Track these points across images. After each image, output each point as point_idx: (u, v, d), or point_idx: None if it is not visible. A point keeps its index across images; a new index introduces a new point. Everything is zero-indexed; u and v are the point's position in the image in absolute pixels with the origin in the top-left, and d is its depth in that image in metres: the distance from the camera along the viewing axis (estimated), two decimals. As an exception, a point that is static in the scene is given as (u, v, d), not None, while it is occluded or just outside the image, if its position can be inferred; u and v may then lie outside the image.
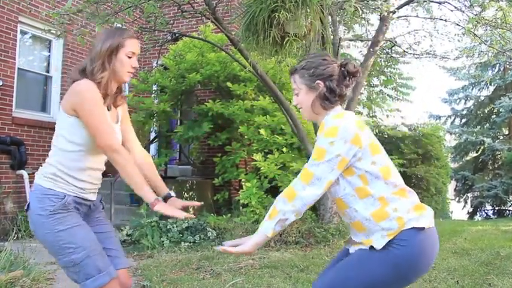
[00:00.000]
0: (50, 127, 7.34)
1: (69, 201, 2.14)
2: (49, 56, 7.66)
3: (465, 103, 17.88)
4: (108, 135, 2.10)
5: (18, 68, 6.95)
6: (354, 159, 1.94)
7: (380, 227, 1.92)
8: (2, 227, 6.29)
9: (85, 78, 2.14)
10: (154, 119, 7.81)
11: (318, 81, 2.06)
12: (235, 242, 2.20)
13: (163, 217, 6.56)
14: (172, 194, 2.40)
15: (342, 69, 2.07)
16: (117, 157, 2.10)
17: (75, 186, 2.18)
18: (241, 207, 6.68)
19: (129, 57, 2.20)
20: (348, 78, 2.08)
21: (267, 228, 1.94)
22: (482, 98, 17.38)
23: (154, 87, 8.34)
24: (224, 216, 6.65)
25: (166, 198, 2.38)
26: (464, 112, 17.83)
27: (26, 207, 2.22)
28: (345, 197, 2.00)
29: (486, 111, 17.25)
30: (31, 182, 6.77)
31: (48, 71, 7.62)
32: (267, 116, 6.93)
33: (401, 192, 1.98)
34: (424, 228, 1.92)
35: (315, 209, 6.30)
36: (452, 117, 18.06)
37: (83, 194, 2.22)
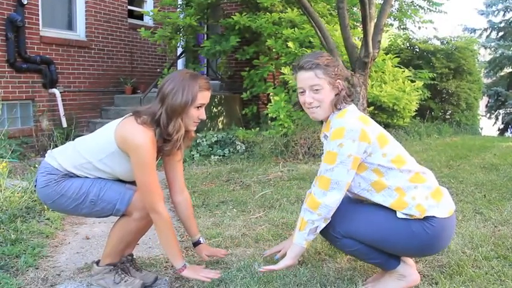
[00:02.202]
0: (78, 45, 7.35)
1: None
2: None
3: (504, 15, 16.84)
4: (155, 197, 2.10)
5: (41, -15, 6.80)
6: (364, 155, 1.95)
7: (402, 214, 1.96)
8: (40, 143, 6.54)
9: (151, 127, 2.08)
10: (180, 34, 7.68)
11: (339, 81, 2.04)
12: (274, 249, 2.39)
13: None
14: (202, 240, 2.45)
15: None
16: (157, 219, 2.12)
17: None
18: (269, 121, 6.72)
19: (198, 108, 2.13)
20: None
21: (301, 239, 2.00)
22: (523, 9, 16.39)
23: (180, 1, 8.15)
24: (253, 130, 6.72)
25: (195, 244, 2.44)
26: (502, 25, 16.83)
27: (33, 185, 2.28)
28: (362, 192, 2.02)
29: (527, 24, 16.33)
30: (63, 100, 6.92)
31: (71, -13, 7.47)
32: (295, 28, 6.73)
33: (417, 178, 2.00)
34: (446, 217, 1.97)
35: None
36: (489, 30, 17.10)
37: None
